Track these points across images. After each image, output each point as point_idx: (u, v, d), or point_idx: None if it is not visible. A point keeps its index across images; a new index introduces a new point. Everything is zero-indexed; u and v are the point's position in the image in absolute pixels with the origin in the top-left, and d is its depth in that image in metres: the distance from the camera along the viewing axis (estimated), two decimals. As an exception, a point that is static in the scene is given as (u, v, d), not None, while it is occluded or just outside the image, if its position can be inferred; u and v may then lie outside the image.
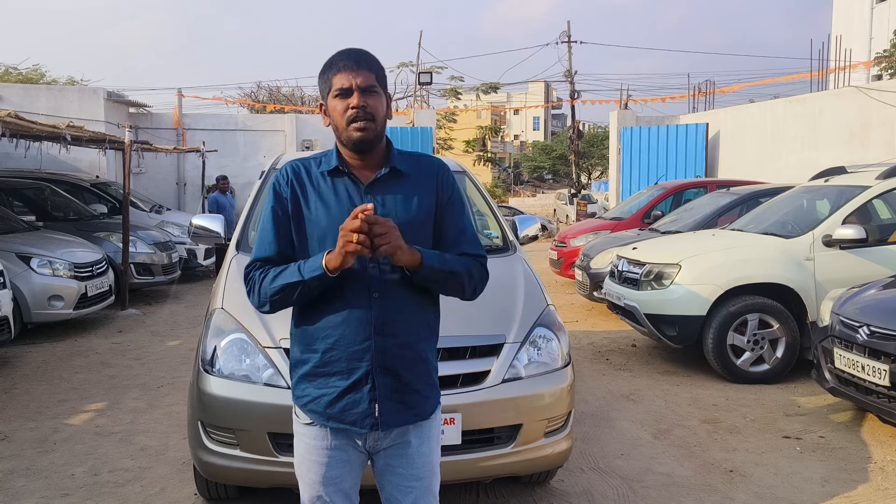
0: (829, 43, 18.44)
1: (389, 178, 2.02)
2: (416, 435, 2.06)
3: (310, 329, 2.00)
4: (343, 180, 2.01)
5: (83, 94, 15.23)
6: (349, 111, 1.94)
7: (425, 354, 2.06)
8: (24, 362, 6.63)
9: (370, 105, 1.95)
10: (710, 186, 10.89)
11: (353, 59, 1.96)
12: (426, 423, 2.08)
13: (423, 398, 2.05)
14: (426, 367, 2.06)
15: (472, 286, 2.05)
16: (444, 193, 2.06)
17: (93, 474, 4.07)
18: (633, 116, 18.18)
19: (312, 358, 2.00)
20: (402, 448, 2.05)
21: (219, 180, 11.74)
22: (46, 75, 23.94)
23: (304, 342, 2.02)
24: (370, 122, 1.95)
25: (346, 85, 1.94)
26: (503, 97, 59.35)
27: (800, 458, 4.34)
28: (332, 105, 1.98)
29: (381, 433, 2.01)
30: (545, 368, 3.34)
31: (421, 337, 2.03)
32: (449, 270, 1.97)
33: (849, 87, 13.36)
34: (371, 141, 1.97)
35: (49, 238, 8.27)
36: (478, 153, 53.20)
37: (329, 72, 1.98)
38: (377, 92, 1.97)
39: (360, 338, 1.94)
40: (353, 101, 1.94)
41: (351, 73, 1.94)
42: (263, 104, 25.51)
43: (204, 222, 4.48)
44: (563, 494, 3.82)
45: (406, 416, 2.02)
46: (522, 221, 4.70)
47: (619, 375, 6.22)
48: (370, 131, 1.95)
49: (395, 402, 1.98)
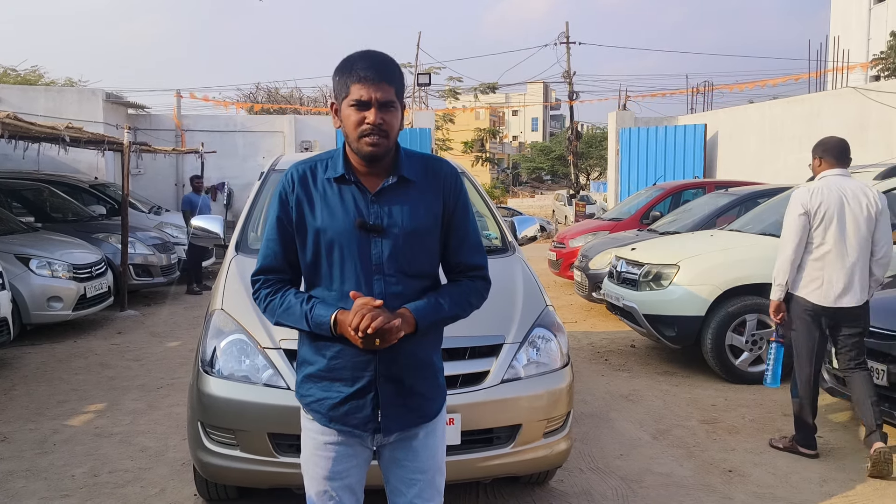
0: (828, 44, 18.45)
1: (397, 187, 1.98)
2: (422, 429, 2.07)
3: (315, 336, 1.99)
4: (350, 188, 1.98)
5: (82, 95, 15.21)
6: (364, 125, 1.89)
7: (430, 358, 2.06)
8: (23, 363, 6.63)
9: (386, 122, 1.89)
10: (708, 187, 10.90)
11: (375, 70, 1.88)
12: (432, 420, 2.09)
13: (428, 400, 2.06)
14: (432, 370, 2.06)
15: (472, 310, 2.10)
16: (450, 199, 2.04)
17: (92, 475, 4.07)
18: (632, 117, 18.20)
19: (319, 361, 2.00)
20: (408, 441, 2.06)
21: (192, 180, 11.74)
22: (45, 77, 23.93)
23: (311, 345, 2.02)
24: (384, 139, 1.90)
25: (364, 98, 1.87)
26: (501, 98, 59.39)
27: (798, 459, 4.35)
28: (346, 113, 1.92)
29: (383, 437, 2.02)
30: (544, 369, 3.34)
31: (425, 344, 2.03)
32: (448, 317, 2.01)
33: (847, 88, 13.39)
34: (382, 155, 1.94)
35: (48, 239, 8.26)
36: (476, 154, 53.21)
37: (348, 76, 1.90)
38: (395, 107, 1.92)
39: (363, 349, 1.93)
40: (369, 118, 1.88)
41: (372, 85, 1.87)
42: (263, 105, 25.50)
43: (203, 223, 4.49)
44: (563, 495, 3.83)
45: (410, 419, 2.02)
46: (521, 222, 4.71)
47: (617, 376, 6.23)
48: (382, 147, 1.91)
49: (398, 406, 1.99)
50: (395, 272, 1.94)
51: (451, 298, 2.01)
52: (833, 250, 4.12)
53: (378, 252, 1.94)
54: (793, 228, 4.18)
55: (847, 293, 4.14)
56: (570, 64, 28.71)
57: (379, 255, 1.94)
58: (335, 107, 1.98)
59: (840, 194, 4.13)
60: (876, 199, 4.16)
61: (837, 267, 4.12)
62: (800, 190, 4.32)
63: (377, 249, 1.94)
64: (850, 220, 4.12)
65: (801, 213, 4.15)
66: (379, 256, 1.94)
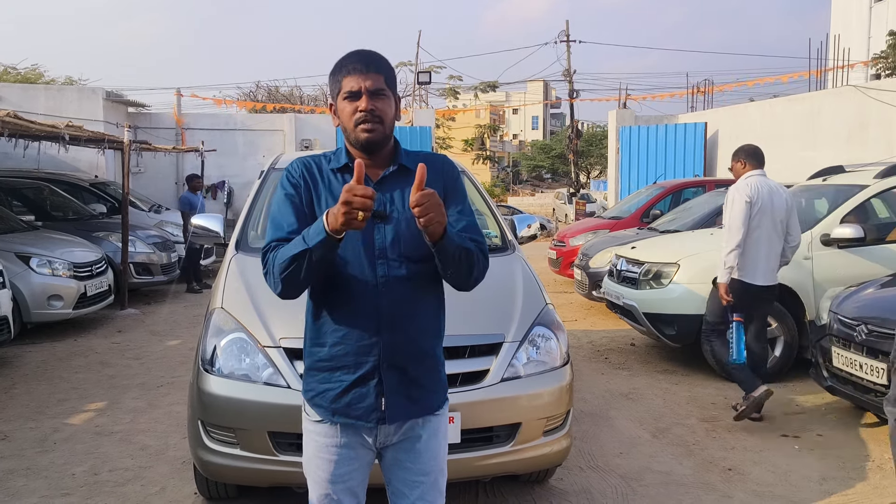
0: (828, 42, 18.45)
1: (397, 176, 2.03)
2: (425, 430, 2.07)
3: (319, 323, 2.02)
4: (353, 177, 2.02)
5: (82, 93, 15.21)
6: (357, 114, 1.96)
7: (433, 350, 2.08)
8: (23, 362, 6.64)
9: (378, 108, 1.96)
10: (708, 185, 10.90)
11: (363, 62, 1.98)
12: (435, 419, 2.09)
13: (430, 392, 2.07)
14: (434, 362, 2.08)
15: (477, 268, 2.02)
16: (448, 184, 2.08)
17: (93, 473, 4.07)
18: (632, 116, 18.18)
19: (319, 352, 2.02)
20: (410, 443, 2.06)
21: (191, 179, 11.73)
22: (45, 75, 23.92)
23: (313, 336, 2.04)
24: (378, 124, 1.96)
25: (354, 88, 1.96)
26: (502, 96, 59.40)
27: (798, 457, 4.35)
28: (341, 107, 2.00)
29: (389, 428, 2.02)
30: (544, 367, 3.35)
31: (428, 332, 2.06)
32: (465, 247, 1.96)
33: (847, 87, 13.38)
34: (379, 142, 2.00)
35: (48, 238, 8.27)
36: (476, 152, 53.21)
37: (339, 73, 2.00)
38: (386, 95, 1.99)
39: (367, 333, 1.96)
40: (361, 105, 1.95)
41: (360, 75, 1.96)
42: (263, 104, 25.49)
43: (204, 222, 4.50)
44: (562, 493, 3.83)
45: (412, 410, 2.03)
46: (521, 221, 4.71)
47: (617, 374, 6.23)
48: (378, 132, 1.97)
49: (401, 396, 2.00)
50: (397, 256, 1.97)
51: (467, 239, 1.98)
52: (764, 236, 4.81)
53: (381, 238, 1.97)
54: (740, 217, 4.76)
55: (770, 274, 4.89)
56: (570, 62, 28.76)
57: (382, 241, 1.97)
58: (333, 107, 2.05)
59: (768, 190, 4.85)
60: (789, 195, 4.94)
61: (767, 251, 4.82)
62: (737, 185, 4.93)
63: (380, 235, 1.97)
64: (775, 211, 4.83)
65: (747, 202, 4.77)
66: (382, 242, 1.97)
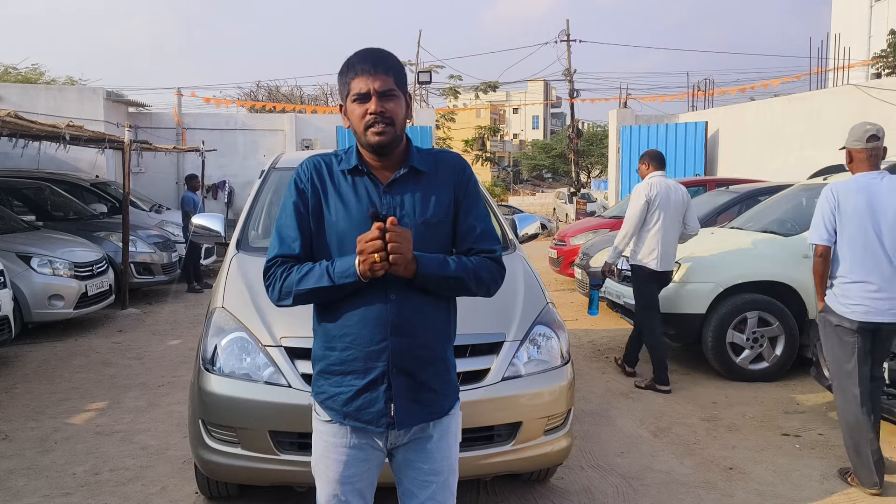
0: (828, 41, 18.41)
1: (408, 178, 2.01)
2: (436, 430, 2.06)
3: (329, 326, 2.01)
4: (363, 180, 2.01)
5: (82, 93, 15.21)
6: (367, 116, 1.92)
7: (442, 353, 2.05)
8: (24, 362, 6.64)
9: (388, 110, 1.93)
10: (709, 185, 10.89)
11: (371, 63, 1.93)
12: (446, 419, 2.07)
13: (440, 396, 2.04)
14: (444, 365, 2.05)
15: (482, 287, 2.02)
16: (460, 188, 2.06)
17: (94, 473, 4.08)
18: (633, 115, 18.16)
19: (330, 356, 2.00)
20: (422, 443, 2.05)
21: (190, 179, 11.74)
22: (45, 75, 23.92)
23: (323, 339, 2.03)
24: (389, 126, 1.93)
25: (363, 90, 1.92)
26: (502, 96, 59.36)
27: (799, 456, 4.35)
28: (350, 109, 1.96)
29: (399, 430, 2.01)
30: (545, 366, 3.35)
31: (438, 337, 2.03)
32: (450, 276, 1.94)
33: (848, 86, 13.37)
34: (390, 144, 1.96)
35: (49, 238, 8.27)
36: (477, 152, 53.20)
37: (347, 74, 1.96)
38: (396, 95, 1.94)
39: (376, 338, 1.94)
40: (370, 107, 1.92)
41: (369, 77, 1.92)
42: (263, 104, 25.47)
43: (204, 221, 4.50)
44: (563, 492, 3.83)
45: (422, 415, 2.01)
46: (522, 220, 4.71)
47: (618, 374, 6.23)
48: (388, 135, 1.94)
49: (410, 401, 1.98)
50: None
51: (458, 262, 1.98)
52: (662, 228, 5.59)
53: None
54: (637, 211, 5.64)
55: (670, 260, 5.67)
56: (570, 62, 28.67)
57: None
58: (343, 108, 2.01)
59: (666, 188, 5.67)
60: (685, 192, 5.81)
61: (666, 240, 5.61)
62: (641, 184, 5.76)
63: None
64: (672, 206, 5.65)
65: (644, 201, 5.62)
66: None
